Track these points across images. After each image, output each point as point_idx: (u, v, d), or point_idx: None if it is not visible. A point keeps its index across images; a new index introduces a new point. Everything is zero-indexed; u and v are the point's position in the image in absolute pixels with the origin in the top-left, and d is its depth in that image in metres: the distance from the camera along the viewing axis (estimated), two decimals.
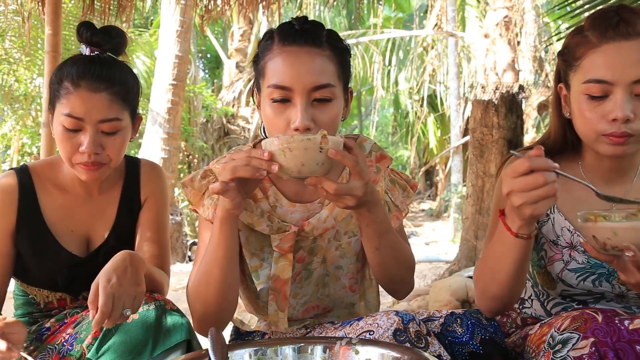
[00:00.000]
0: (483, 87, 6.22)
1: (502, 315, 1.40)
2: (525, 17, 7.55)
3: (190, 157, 11.40)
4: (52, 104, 1.39)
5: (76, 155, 1.36)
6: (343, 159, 1.02)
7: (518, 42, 7.31)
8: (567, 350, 0.99)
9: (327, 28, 1.23)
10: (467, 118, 10.27)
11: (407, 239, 1.38)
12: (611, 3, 2.49)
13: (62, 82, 1.35)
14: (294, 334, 1.32)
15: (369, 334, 1.06)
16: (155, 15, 11.34)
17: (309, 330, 1.32)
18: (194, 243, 8.03)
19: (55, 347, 1.33)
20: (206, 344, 0.94)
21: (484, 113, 4.82)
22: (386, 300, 4.17)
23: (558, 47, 8.58)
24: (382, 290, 1.39)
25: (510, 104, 4.84)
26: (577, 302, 1.30)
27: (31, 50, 8.13)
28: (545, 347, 1.04)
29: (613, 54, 1.13)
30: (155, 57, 8.52)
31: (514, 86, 5.16)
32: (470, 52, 10.10)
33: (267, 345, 1.02)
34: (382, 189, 1.33)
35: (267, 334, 1.35)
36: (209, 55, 17.97)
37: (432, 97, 12.31)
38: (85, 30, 1.42)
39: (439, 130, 13.55)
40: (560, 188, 1.27)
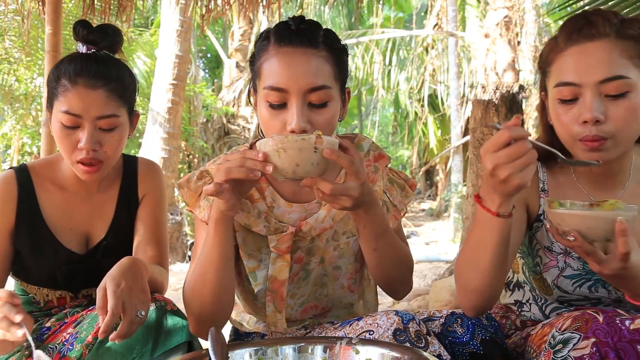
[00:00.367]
0: (483, 87, 6.21)
1: (501, 317, 1.40)
2: (526, 17, 7.55)
3: (191, 156, 11.40)
4: (50, 102, 1.41)
5: (75, 152, 1.37)
6: (338, 158, 1.01)
7: (518, 42, 7.31)
8: (568, 350, 0.99)
9: (324, 27, 1.21)
10: (467, 118, 10.27)
11: (406, 239, 1.37)
12: (612, 4, 2.49)
13: (59, 80, 1.36)
14: (294, 334, 1.31)
15: (369, 334, 1.06)
16: (156, 14, 11.34)
17: (309, 331, 1.32)
18: (194, 243, 8.02)
19: (55, 347, 1.33)
20: (206, 344, 0.94)
21: (484, 113, 4.82)
22: (386, 300, 4.17)
23: None
24: (381, 290, 1.38)
25: (511, 104, 4.84)
26: (574, 307, 1.30)
27: (31, 50, 8.13)
28: (546, 347, 1.04)
29: (578, 56, 1.14)
30: (156, 57, 8.51)
31: (514, 86, 5.16)
32: (471, 52, 10.09)
33: (267, 345, 1.02)
34: (381, 188, 1.32)
35: (266, 335, 1.35)
36: (209, 55, 17.96)
37: (432, 97, 12.31)
38: (81, 29, 1.43)
39: (439, 130, 13.55)
40: (553, 193, 1.28)
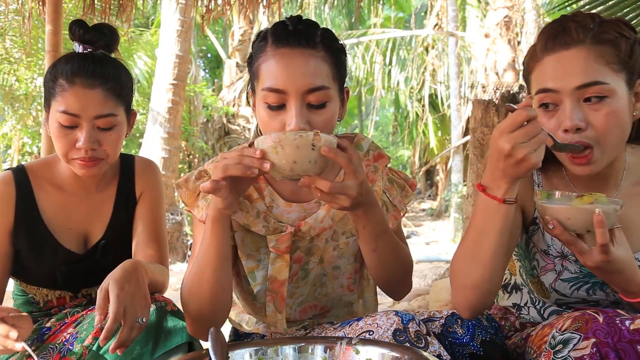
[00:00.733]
0: (483, 86, 6.22)
1: (500, 319, 1.40)
2: (526, 17, 7.55)
3: (191, 156, 11.41)
4: (47, 102, 1.41)
5: (73, 151, 1.37)
6: (336, 156, 1.00)
7: (518, 42, 7.31)
8: (568, 350, 0.98)
9: (322, 27, 1.21)
10: (467, 118, 10.27)
11: (405, 240, 1.36)
12: (612, 4, 2.49)
13: (56, 79, 1.36)
14: (294, 335, 1.31)
15: (369, 334, 1.06)
16: (156, 14, 11.34)
17: (308, 331, 1.32)
18: (192, 243, 8.02)
19: (56, 347, 1.33)
20: (206, 344, 0.94)
21: (485, 113, 4.81)
22: (386, 300, 4.17)
23: None
24: (381, 290, 1.38)
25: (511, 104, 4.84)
26: (572, 309, 1.29)
27: (32, 50, 8.13)
28: (546, 348, 1.03)
29: (554, 64, 1.14)
30: (156, 57, 8.52)
31: (514, 86, 5.17)
32: (471, 52, 10.09)
33: (267, 345, 1.02)
34: (380, 188, 1.32)
35: (266, 335, 1.35)
36: (209, 55, 17.96)
37: (432, 97, 12.31)
38: (77, 28, 1.44)
39: (440, 130, 13.55)
40: None
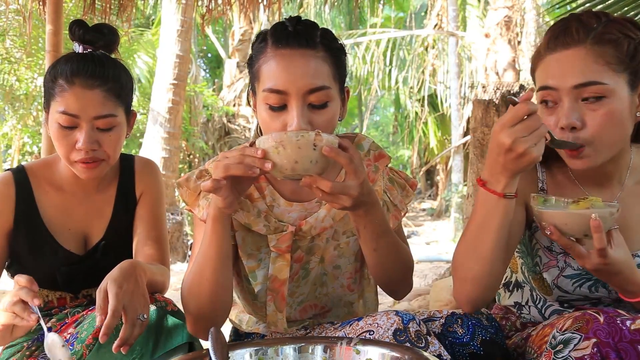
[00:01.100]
0: (484, 86, 6.21)
1: (501, 319, 1.40)
2: (526, 16, 7.54)
3: (191, 156, 11.40)
4: (46, 103, 1.40)
5: (73, 153, 1.37)
6: (337, 156, 1.01)
7: (519, 42, 7.31)
8: (569, 350, 0.98)
9: (322, 27, 1.21)
10: (467, 118, 10.26)
11: (406, 239, 1.37)
12: (610, 3, 2.49)
13: (56, 80, 1.36)
14: (294, 334, 1.31)
15: (369, 334, 1.06)
16: (156, 14, 11.34)
17: (309, 331, 1.32)
18: (193, 242, 8.02)
19: None
20: (207, 344, 0.94)
21: (485, 113, 4.81)
22: (387, 300, 4.17)
23: None
24: (381, 290, 1.38)
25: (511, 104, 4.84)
26: (574, 307, 1.30)
27: (32, 50, 8.13)
28: (547, 348, 1.03)
29: (554, 63, 1.16)
30: (156, 57, 8.52)
31: (514, 86, 5.16)
32: (471, 52, 10.09)
33: (267, 345, 1.02)
34: (381, 188, 1.32)
35: (266, 335, 1.35)
36: (209, 55, 17.96)
37: (432, 97, 12.30)
38: (77, 29, 1.43)
39: (440, 130, 13.54)
40: (552, 193, 1.29)
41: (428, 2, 11.17)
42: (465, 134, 10.11)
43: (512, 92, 4.90)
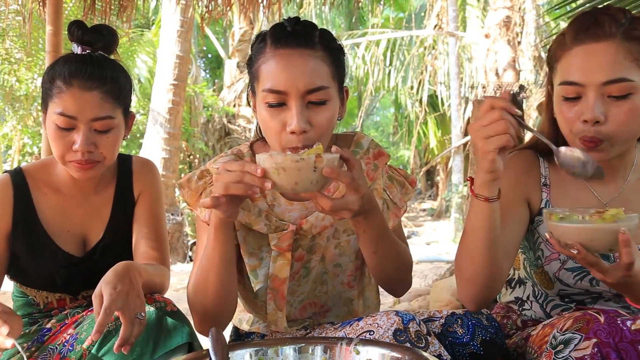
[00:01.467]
0: (484, 87, 6.21)
1: (502, 317, 1.40)
2: (526, 17, 7.54)
3: (191, 157, 11.40)
4: (44, 103, 1.39)
5: (69, 154, 1.36)
6: (338, 177, 1.01)
7: (519, 42, 7.31)
8: (569, 350, 0.98)
9: (320, 28, 1.22)
10: (467, 118, 10.26)
11: (405, 238, 1.38)
12: (611, 3, 2.49)
13: (54, 81, 1.35)
14: (294, 335, 1.31)
15: (369, 334, 1.06)
16: (157, 15, 11.34)
17: (309, 331, 1.32)
18: (194, 243, 8.00)
19: (56, 348, 1.33)
20: (207, 344, 0.94)
21: None
22: (387, 301, 4.16)
23: None
24: (382, 290, 1.38)
25: (511, 104, 4.83)
26: (575, 302, 1.30)
27: (32, 50, 8.13)
28: (547, 348, 1.03)
29: (583, 56, 1.15)
30: (157, 57, 8.52)
31: (514, 86, 5.16)
32: (471, 52, 10.09)
33: (267, 346, 1.02)
34: (380, 186, 1.33)
35: (266, 335, 1.35)
36: (209, 55, 17.96)
37: (432, 97, 12.30)
38: (76, 29, 1.42)
39: (440, 131, 13.54)
40: (555, 187, 1.30)
41: (428, 2, 11.16)
42: (465, 134, 10.11)
43: (512, 92, 4.91)
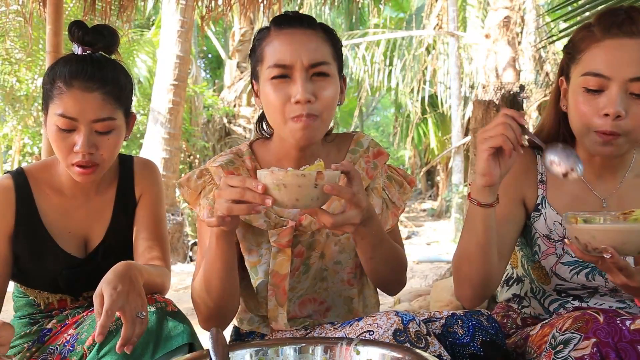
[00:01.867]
0: (484, 87, 6.21)
1: (503, 317, 1.40)
2: (526, 17, 7.54)
3: (192, 157, 11.40)
4: (45, 104, 1.38)
5: (71, 155, 1.35)
6: (339, 194, 1.03)
7: (519, 42, 7.31)
8: (569, 350, 0.99)
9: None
10: (468, 118, 10.26)
11: (401, 238, 1.41)
12: (611, 3, 2.49)
13: (54, 82, 1.34)
14: (294, 334, 1.32)
15: (369, 334, 1.06)
16: (157, 15, 11.34)
17: (309, 331, 1.32)
18: (195, 243, 8.04)
19: (56, 348, 1.33)
20: (207, 345, 0.94)
21: (485, 113, 4.81)
22: (387, 301, 4.16)
23: (557, 46, 8.57)
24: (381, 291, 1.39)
25: (511, 104, 4.84)
26: (572, 297, 1.31)
27: (32, 51, 8.13)
28: (547, 348, 1.04)
29: (614, 50, 1.15)
30: (157, 57, 8.52)
31: (514, 86, 5.16)
32: (471, 53, 10.09)
33: (268, 346, 1.02)
34: (380, 185, 1.35)
35: (266, 335, 1.35)
36: (210, 56, 17.98)
37: (433, 97, 12.30)
38: (77, 30, 1.41)
39: (440, 131, 13.54)
40: (551, 184, 1.31)
41: (428, 2, 11.16)
42: (465, 134, 10.11)
43: (512, 92, 4.91)
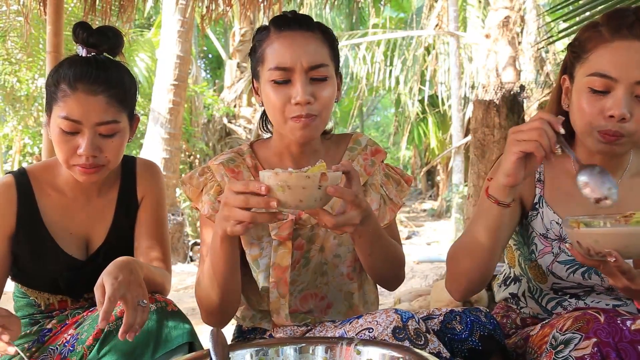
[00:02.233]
0: (484, 87, 6.21)
1: (502, 317, 1.40)
2: (526, 17, 7.54)
3: (192, 157, 11.41)
4: (48, 106, 1.37)
5: (74, 158, 1.34)
6: (342, 195, 1.04)
7: (519, 42, 7.30)
8: (569, 350, 0.99)
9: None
10: (468, 118, 10.26)
11: (398, 235, 1.43)
12: (612, 3, 2.49)
13: (59, 84, 1.33)
14: (294, 333, 1.32)
15: (369, 332, 1.07)
16: (157, 15, 11.34)
17: (310, 328, 1.32)
18: (195, 243, 8.04)
19: (56, 348, 1.33)
20: (207, 344, 0.94)
21: (485, 113, 4.81)
22: (388, 301, 4.17)
23: (557, 46, 8.57)
24: (382, 290, 1.40)
25: (512, 104, 4.84)
26: (569, 295, 1.31)
27: (33, 51, 8.14)
28: (548, 348, 1.04)
29: (622, 52, 1.15)
30: (157, 58, 8.52)
31: (515, 86, 5.16)
32: (472, 53, 10.08)
33: (268, 346, 1.02)
34: (378, 181, 1.39)
35: (268, 330, 1.36)
36: (210, 56, 17.98)
37: (433, 97, 12.29)
38: (81, 31, 1.39)
39: (440, 131, 13.54)
40: (549, 183, 1.32)
41: (428, 2, 11.16)
42: (465, 134, 10.11)
43: (512, 92, 4.90)
